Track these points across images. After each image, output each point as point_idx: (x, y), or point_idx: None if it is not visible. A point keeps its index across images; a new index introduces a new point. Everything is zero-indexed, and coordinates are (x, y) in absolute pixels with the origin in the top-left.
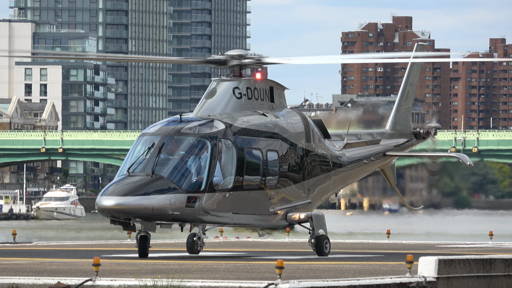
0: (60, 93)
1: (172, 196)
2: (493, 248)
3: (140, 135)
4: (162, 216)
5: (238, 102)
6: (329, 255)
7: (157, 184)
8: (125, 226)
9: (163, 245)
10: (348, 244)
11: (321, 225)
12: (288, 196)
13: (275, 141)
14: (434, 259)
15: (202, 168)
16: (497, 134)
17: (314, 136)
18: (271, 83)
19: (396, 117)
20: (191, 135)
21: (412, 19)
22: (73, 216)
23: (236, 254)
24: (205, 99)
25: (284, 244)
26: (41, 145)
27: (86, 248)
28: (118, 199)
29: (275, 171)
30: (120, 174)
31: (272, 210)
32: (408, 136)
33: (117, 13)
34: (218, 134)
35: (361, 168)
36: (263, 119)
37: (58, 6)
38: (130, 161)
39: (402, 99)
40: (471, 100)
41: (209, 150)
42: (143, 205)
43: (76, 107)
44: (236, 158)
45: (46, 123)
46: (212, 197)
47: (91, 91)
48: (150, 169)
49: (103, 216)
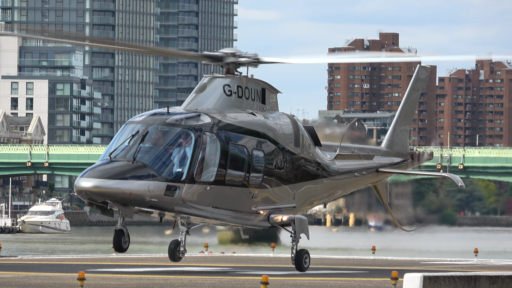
0: (46, 107)
1: (151, 183)
2: (478, 265)
3: (126, 123)
4: (139, 202)
5: (227, 100)
6: (315, 271)
7: (137, 170)
8: (102, 210)
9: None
10: (334, 260)
11: (303, 229)
12: (272, 197)
13: (262, 140)
14: (419, 275)
15: (184, 159)
16: (483, 151)
17: (303, 141)
18: (264, 84)
19: (393, 136)
20: (176, 126)
21: (399, 36)
22: (59, 230)
23: (221, 269)
24: (195, 93)
25: (269, 259)
26: (27, 159)
27: (71, 262)
28: (96, 181)
29: (260, 170)
30: (102, 158)
31: (255, 209)
32: (404, 156)
33: (103, 27)
34: (204, 127)
35: (352, 180)
36: (252, 117)
37: (44, 20)
38: (113, 147)
39: (399, 119)
40: (457, 117)
41: (192, 142)
42: (121, 189)
43: (62, 121)
44: (220, 152)
45: (32, 137)
46: (192, 188)
47: (77, 105)
48: (132, 155)
49: (80, 198)
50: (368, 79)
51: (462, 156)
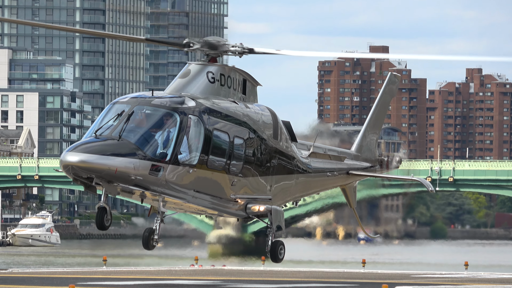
0: (36, 120)
1: (137, 161)
2: (468, 279)
3: (111, 103)
4: (124, 179)
5: (210, 86)
6: (305, 284)
7: (123, 148)
8: (86, 186)
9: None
10: (324, 273)
11: (279, 220)
12: (250, 187)
13: (243, 129)
14: None
15: (169, 140)
16: (473, 164)
17: (281, 135)
18: (245, 75)
19: (362, 141)
20: (162, 108)
21: (389, 49)
22: (49, 243)
23: (211, 282)
24: (179, 78)
25: (260, 272)
26: (17, 171)
27: (62, 275)
28: (82, 156)
29: (240, 158)
30: (87, 136)
31: (233, 196)
32: (373, 162)
33: (94, 40)
34: (188, 110)
35: (324, 180)
36: (234, 105)
37: (35, 33)
38: (98, 125)
39: (369, 124)
40: (447, 130)
41: (177, 124)
42: (107, 165)
43: (52, 134)
44: (204, 136)
45: (22, 149)
46: (176, 170)
47: (67, 118)
48: (118, 133)
49: (65, 173)
50: (358, 92)
51: (452, 169)
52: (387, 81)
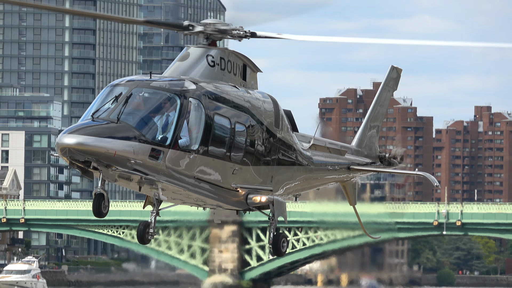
0: (22, 159)
1: (136, 144)
2: None
3: (108, 85)
4: (123, 163)
5: (210, 70)
6: None
7: (122, 131)
8: (83, 171)
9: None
10: None
11: (282, 211)
12: (251, 176)
13: (244, 114)
14: None
15: (169, 124)
16: (482, 207)
17: (283, 124)
18: (245, 60)
19: (363, 136)
20: (161, 90)
21: None
22: None
23: None
24: (178, 61)
25: None
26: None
27: None
28: (80, 138)
29: (241, 145)
30: (84, 118)
31: (234, 185)
32: (374, 159)
33: (83, 76)
34: (188, 93)
35: (325, 173)
36: (235, 90)
37: (21, 68)
38: (95, 108)
39: (369, 119)
40: (455, 170)
41: (177, 107)
42: (106, 148)
43: (39, 174)
44: (204, 121)
45: (7, 191)
46: (177, 155)
47: (55, 158)
48: (116, 116)
49: (62, 156)
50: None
51: (460, 212)
52: (388, 74)
